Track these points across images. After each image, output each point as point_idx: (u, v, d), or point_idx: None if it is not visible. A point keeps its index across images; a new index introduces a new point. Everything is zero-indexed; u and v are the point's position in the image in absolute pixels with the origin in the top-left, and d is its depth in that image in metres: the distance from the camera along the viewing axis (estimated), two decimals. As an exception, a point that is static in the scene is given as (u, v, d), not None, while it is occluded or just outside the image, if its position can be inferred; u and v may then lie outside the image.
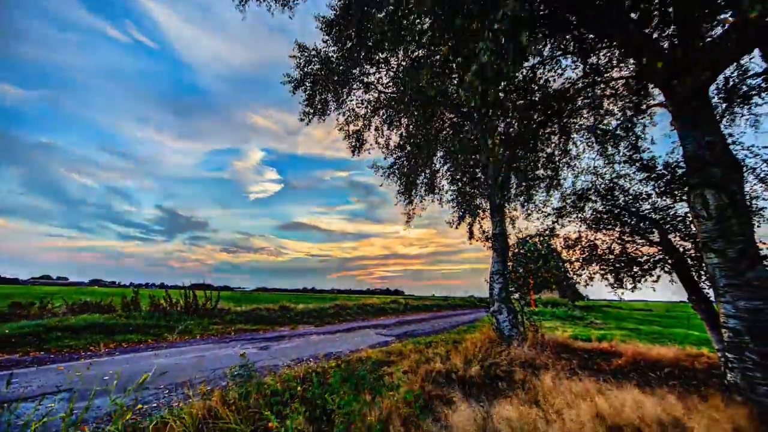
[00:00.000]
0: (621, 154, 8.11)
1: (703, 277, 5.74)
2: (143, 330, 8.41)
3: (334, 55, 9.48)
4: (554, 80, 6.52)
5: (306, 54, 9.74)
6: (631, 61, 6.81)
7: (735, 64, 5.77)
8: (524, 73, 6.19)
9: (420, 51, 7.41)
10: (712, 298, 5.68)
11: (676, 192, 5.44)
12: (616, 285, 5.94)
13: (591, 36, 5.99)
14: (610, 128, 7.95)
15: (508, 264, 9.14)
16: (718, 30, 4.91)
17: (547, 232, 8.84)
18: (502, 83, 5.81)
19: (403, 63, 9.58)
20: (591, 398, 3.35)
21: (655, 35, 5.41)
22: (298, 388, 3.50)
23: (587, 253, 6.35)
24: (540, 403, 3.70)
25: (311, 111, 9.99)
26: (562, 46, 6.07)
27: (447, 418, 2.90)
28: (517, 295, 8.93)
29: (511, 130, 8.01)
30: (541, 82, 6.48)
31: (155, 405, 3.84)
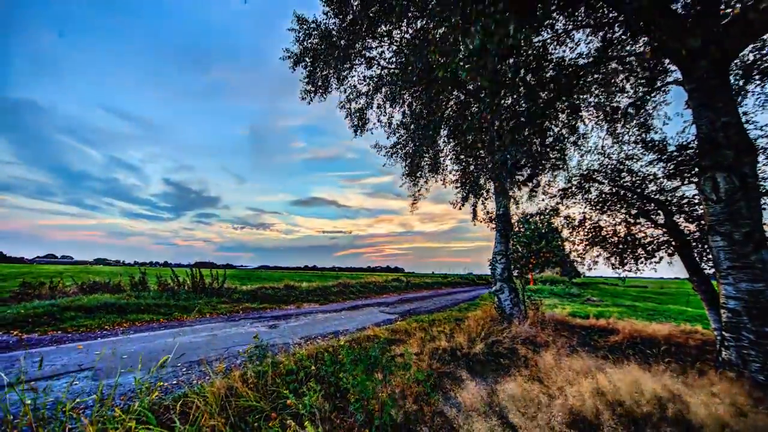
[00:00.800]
0: (630, 133, 7.97)
1: (705, 258, 5.81)
2: (154, 309, 8.64)
3: (335, 28, 9.06)
4: (568, 57, 6.26)
5: (305, 27, 9.31)
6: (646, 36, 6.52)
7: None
8: (536, 49, 5.94)
9: (428, 22, 7.03)
10: (711, 278, 5.81)
11: (685, 174, 5.39)
12: (619, 267, 6.03)
13: (607, 8, 5.69)
14: (621, 106, 7.75)
15: (511, 244, 9.23)
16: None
17: (548, 210, 8.87)
18: (512, 59, 5.58)
19: (407, 36, 9.18)
20: (593, 376, 3.50)
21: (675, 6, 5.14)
22: (312, 367, 3.65)
23: (591, 235, 6.39)
24: (542, 379, 3.87)
25: (312, 89, 9.69)
26: (576, 21, 5.78)
27: (456, 395, 3.05)
28: (516, 272, 9.09)
29: (518, 108, 7.80)
30: (553, 58, 6.23)
31: (175, 382, 4.02)
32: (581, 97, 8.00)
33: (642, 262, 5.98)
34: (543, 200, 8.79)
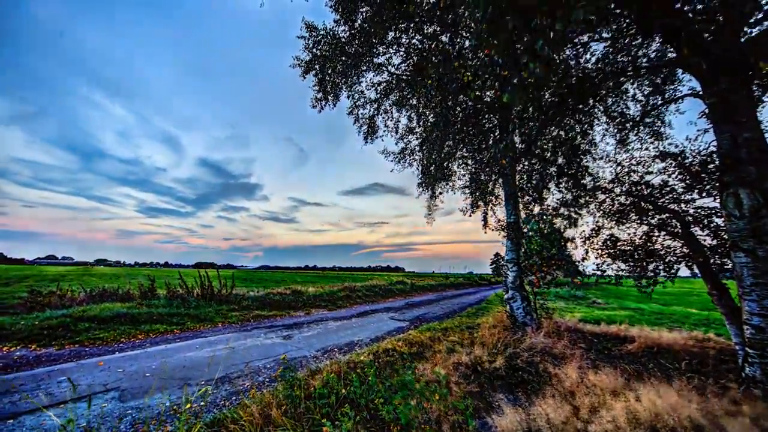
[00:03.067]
0: (644, 141, 7.98)
1: (724, 269, 5.82)
2: (166, 319, 8.62)
3: (345, 35, 9.04)
4: (582, 67, 6.26)
5: (315, 34, 9.28)
6: (657, 45, 6.52)
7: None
8: (558, 65, 5.94)
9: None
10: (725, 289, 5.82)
11: (707, 187, 5.40)
12: (641, 278, 6.05)
13: (627, 21, 5.68)
14: (635, 116, 7.76)
15: (522, 251, 9.25)
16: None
17: (550, 210, 8.88)
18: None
19: (415, 41, 9.16)
20: (625, 398, 3.51)
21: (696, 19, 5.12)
22: (342, 390, 3.65)
23: (608, 248, 6.39)
24: (570, 398, 3.88)
25: (323, 96, 9.67)
26: (596, 35, 5.78)
27: (493, 421, 3.06)
28: (524, 274, 9.14)
29: (526, 116, 7.80)
30: (574, 71, 6.23)
31: (202, 403, 4.01)
32: (594, 107, 8.01)
33: (659, 274, 6.00)
34: (555, 208, 8.78)
